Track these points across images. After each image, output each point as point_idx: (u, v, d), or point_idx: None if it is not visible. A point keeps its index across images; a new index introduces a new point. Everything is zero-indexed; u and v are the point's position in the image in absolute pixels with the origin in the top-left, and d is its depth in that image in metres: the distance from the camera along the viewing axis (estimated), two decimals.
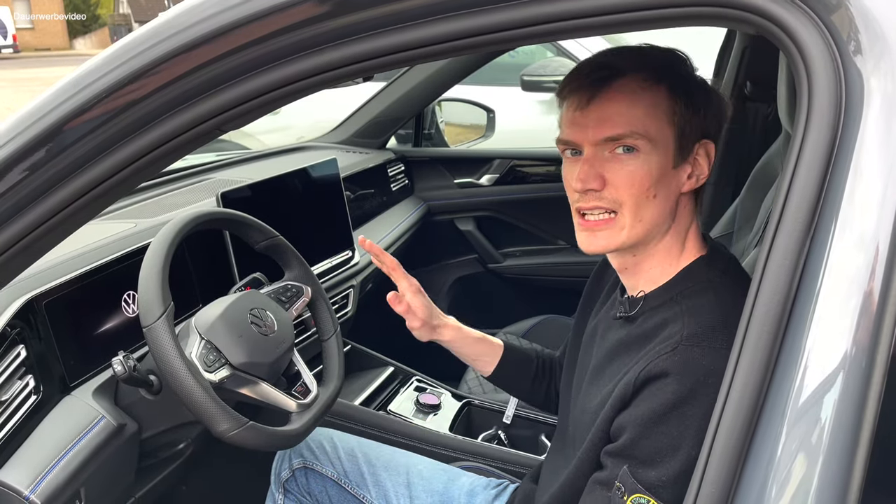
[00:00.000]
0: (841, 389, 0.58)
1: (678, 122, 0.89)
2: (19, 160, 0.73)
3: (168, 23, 0.71)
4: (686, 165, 0.91)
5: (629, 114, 0.88)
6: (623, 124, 0.88)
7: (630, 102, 0.88)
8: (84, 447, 1.16)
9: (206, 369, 1.16)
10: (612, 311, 1.03)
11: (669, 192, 0.91)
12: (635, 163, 0.88)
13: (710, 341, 0.84)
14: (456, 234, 2.80)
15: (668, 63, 0.91)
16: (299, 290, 1.41)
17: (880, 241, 0.58)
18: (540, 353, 1.34)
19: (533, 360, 1.31)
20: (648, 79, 0.88)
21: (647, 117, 0.88)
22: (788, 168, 0.62)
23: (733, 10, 0.63)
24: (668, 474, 0.82)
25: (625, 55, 0.92)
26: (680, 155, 0.90)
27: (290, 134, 4.26)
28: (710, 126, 0.91)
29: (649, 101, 0.88)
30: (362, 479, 1.36)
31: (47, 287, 1.21)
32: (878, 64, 0.59)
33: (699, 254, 0.95)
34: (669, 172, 0.90)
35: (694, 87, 0.90)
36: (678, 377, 0.83)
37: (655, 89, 0.88)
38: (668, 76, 0.89)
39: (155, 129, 0.73)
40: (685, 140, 0.90)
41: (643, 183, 0.88)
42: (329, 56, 0.70)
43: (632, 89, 0.88)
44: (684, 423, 0.82)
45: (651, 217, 0.90)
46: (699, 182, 0.93)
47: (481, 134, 3.19)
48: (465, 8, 0.66)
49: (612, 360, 0.97)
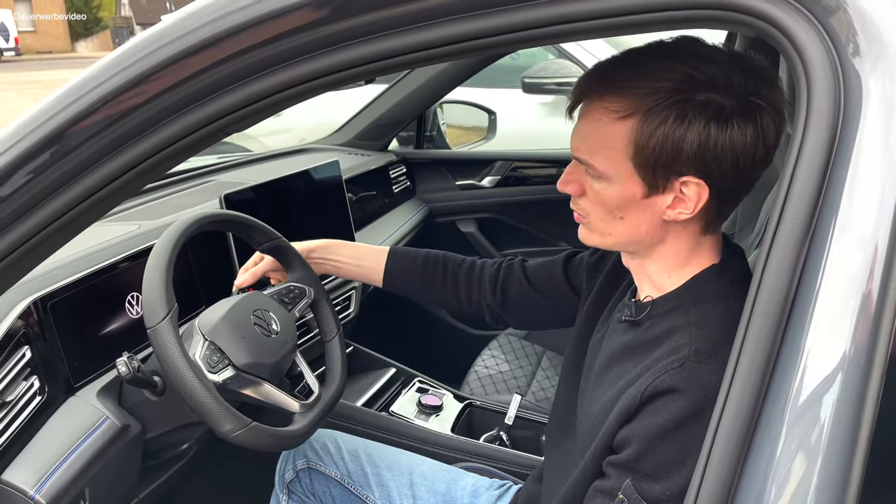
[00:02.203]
0: (840, 389, 0.58)
1: (639, 159, 0.83)
2: (24, 163, 0.74)
3: (170, 27, 0.72)
4: (664, 196, 0.85)
5: (592, 144, 0.86)
6: (586, 153, 0.87)
7: (595, 132, 0.85)
8: (88, 447, 1.17)
9: (210, 370, 1.17)
10: (618, 314, 1.02)
11: (643, 218, 0.87)
12: (600, 185, 0.88)
13: (718, 357, 0.82)
14: (458, 236, 2.80)
15: (650, 87, 0.80)
16: (302, 292, 1.41)
17: (879, 242, 0.58)
18: (429, 255, 1.36)
19: (419, 265, 1.34)
20: (619, 110, 0.82)
21: (607, 152, 0.85)
22: (788, 169, 0.63)
23: (732, 13, 0.63)
24: (673, 489, 0.81)
25: (608, 75, 0.85)
26: (650, 187, 0.84)
27: (292, 136, 4.27)
28: (689, 163, 0.81)
29: (611, 136, 0.83)
30: (366, 479, 1.36)
31: (52, 288, 1.21)
32: (876, 65, 0.59)
33: (712, 262, 0.92)
34: (639, 201, 0.86)
35: (681, 112, 0.79)
36: (686, 394, 0.82)
37: (622, 124, 0.82)
38: (642, 106, 0.81)
39: (158, 133, 0.73)
40: (652, 176, 0.83)
41: (606, 205, 0.88)
42: (331, 59, 0.70)
43: (599, 117, 0.84)
44: (690, 440, 0.80)
45: (622, 234, 0.90)
46: (682, 217, 0.85)
47: (483, 136, 3.20)
48: (465, 11, 0.66)
49: (614, 363, 0.96)
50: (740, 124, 0.80)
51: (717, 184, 0.83)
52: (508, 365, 2.15)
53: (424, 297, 1.38)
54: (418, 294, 1.38)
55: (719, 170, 0.81)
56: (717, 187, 0.83)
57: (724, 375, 0.62)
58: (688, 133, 0.79)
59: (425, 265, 1.35)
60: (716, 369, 0.81)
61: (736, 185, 0.85)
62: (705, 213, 0.87)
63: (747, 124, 0.80)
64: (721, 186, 0.83)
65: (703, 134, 0.79)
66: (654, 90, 0.80)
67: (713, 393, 0.79)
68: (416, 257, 1.36)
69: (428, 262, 1.35)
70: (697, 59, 0.81)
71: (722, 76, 0.79)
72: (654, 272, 0.94)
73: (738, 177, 0.83)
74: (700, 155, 0.80)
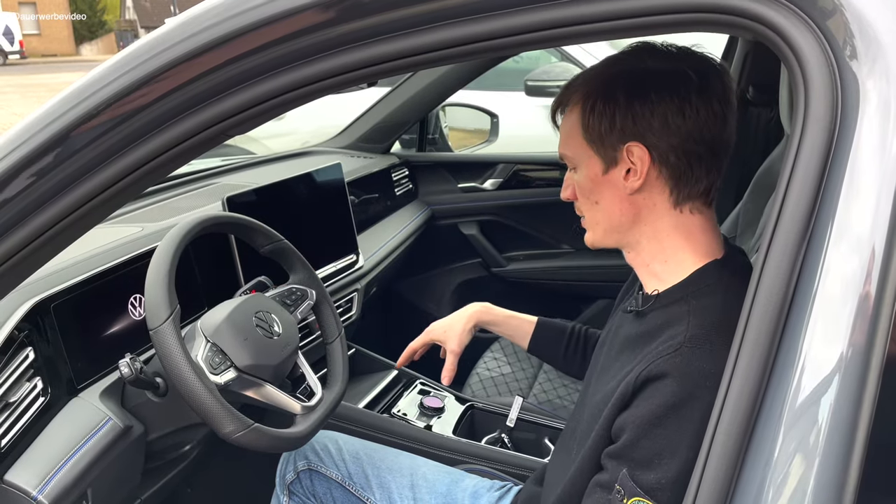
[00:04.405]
0: (837, 391, 0.59)
1: (588, 136, 0.95)
2: (28, 165, 0.74)
3: (175, 30, 0.73)
4: (618, 168, 0.94)
5: (562, 137, 1.00)
6: (561, 146, 1.00)
7: (563, 129, 1.00)
8: (91, 448, 1.17)
9: (212, 371, 1.17)
10: (625, 305, 1.05)
11: (612, 196, 0.96)
12: (575, 177, 1.00)
13: (713, 344, 0.84)
14: (460, 239, 2.81)
15: (592, 76, 0.96)
16: (304, 294, 1.42)
17: (876, 244, 0.58)
18: (576, 327, 1.40)
19: (565, 334, 1.38)
20: (572, 103, 0.97)
21: (568, 139, 0.98)
22: (786, 171, 0.63)
23: (730, 17, 0.63)
24: (667, 477, 0.82)
25: (574, 80, 0.99)
26: (605, 161, 0.95)
27: (294, 139, 4.27)
28: (624, 128, 0.92)
29: (569, 125, 0.97)
30: (366, 481, 1.37)
31: (55, 290, 1.22)
32: (873, 67, 0.60)
33: (714, 257, 0.95)
34: (601, 179, 0.95)
35: (609, 93, 0.93)
36: (678, 379, 0.83)
37: (573, 112, 0.97)
38: (584, 93, 0.95)
39: (161, 135, 0.74)
40: (602, 148, 0.94)
41: (583, 192, 0.99)
42: (333, 62, 0.71)
43: (565, 117, 0.99)
44: (683, 426, 0.82)
45: (603, 220, 0.98)
46: (638, 183, 0.93)
47: (485, 138, 3.20)
48: (480, 12, 0.67)
49: (619, 355, 0.98)
50: (654, 88, 0.91)
51: (654, 144, 0.91)
52: (510, 367, 2.16)
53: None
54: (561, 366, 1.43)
55: (650, 130, 0.91)
56: (656, 148, 0.91)
57: (718, 363, 0.63)
58: (617, 104, 0.92)
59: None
60: (710, 356, 0.83)
61: (675, 145, 0.91)
62: (660, 180, 0.93)
63: (662, 91, 0.91)
64: (659, 147, 0.91)
65: (627, 101, 0.91)
66: (591, 79, 0.96)
67: (705, 379, 0.81)
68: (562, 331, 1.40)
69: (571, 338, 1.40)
70: (632, 52, 0.96)
71: (638, 60, 0.94)
72: (650, 260, 0.98)
73: (671, 134, 0.91)
74: (630, 119, 0.91)
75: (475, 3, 0.67)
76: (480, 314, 1.43)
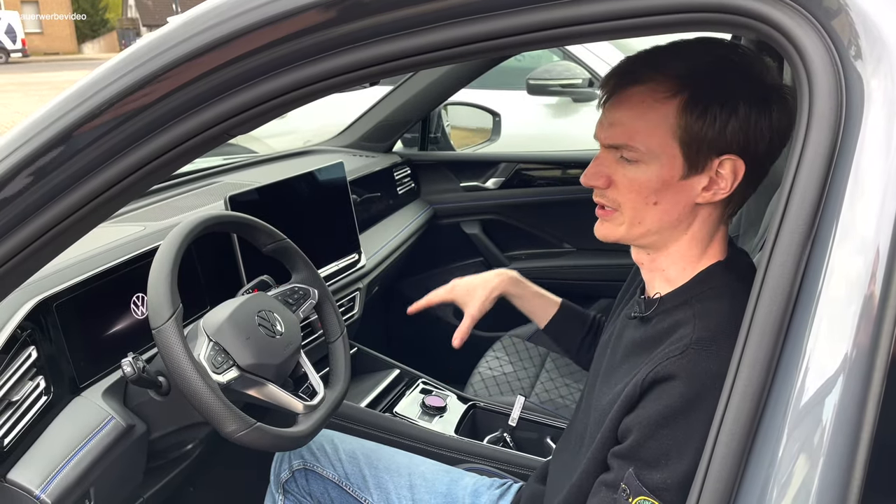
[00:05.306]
0: (841, 391, 0.58)
1: (685, 137, 0.86)
2: (30, 165, 0.74)
3: (178, 29, 0.72)
4: (700, 177, 0.88)
5: (632, 126, 0.89)
6: (624, 135, 0.89)
7: (636, 114, 0.88)
8: (94, 447, 1.17)
9: (215, 371, 1.17)
10: (628, 311, 1.04)
11: (677, 201, 0.90)
12: (636, 171, 0.90)
13: (719, 346, 0.84)
14: (462, 238, 2.81)
15: (696, 69, 0.86)
16: (306, 293, 1.42)
17: (881, 245, 0.58)
18: (597, 316, 1.37)
19: (586, 323, 1.35)
20: (664, 90, 0.86)
21: (650, 131, 0.87)
22: (790, 172, 0.63)
23: (734, 16, 0.63)
24: (673, 477, 0.82)
25: (650, 59, 0.89)
26: (691, 167, 0.88)
27: (296, 138, 4.27)
28: (732, 141, 0.86)
29: (657, 116, 0.87)
30: (364, 481, 1.36)
31: (58, 289, 1.22)
32: (877, 67, 0.59)
33: (718, 258, 0.94)
34: (675, 184, 0.89)
35: (720, 97, 0.85)
36: (685, 381, 0.83)
37: (668, 104, 0.86)
38: (689, 86, 0.86)
39: (164, 135, 0.74)
40: (695, 154, 0.87)
41: (642, 190, 0.90)
42: (336, 61, 0.70)
43: (642, 100, 0.88)
44: (690, 427, 0.82)
45: (652, 221, 0.92)
46: (717, 197, 0.89)
47: (487, 137, 3.19)
48: (467, 14, 0.67)
49: (624, 360, 0.98)
50: (777, 107, 0.86)
51: (752, 160, 0.87)
52: (512, 366, 2.16)
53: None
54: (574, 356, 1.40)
55: (756, 146, 0.86)
56: (755, 167, 0.88)
57: (724, 365, 0.63)
58: (733, 113, 0.85)
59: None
60: (717, 358, 0.83)
61: (765, 163, 0.89)
62: (735, 193, 0.90)
63: (783, 106, 0.86)
64: (757, 168, 0.88)
65: (746, 113, 0.85)
66: (698, 71, 0.86)
67: (712, 381, 0.81)
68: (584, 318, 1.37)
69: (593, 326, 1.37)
70: (730, 47, 0.89)
71: (757, 61, 0.87)
72: (668, 265, 0.96)
73: (769, 155, 0.88)
74: (742, 134, 0.85)
75: (477, 3, 0.67)
76: (509, 285, 1.37)
